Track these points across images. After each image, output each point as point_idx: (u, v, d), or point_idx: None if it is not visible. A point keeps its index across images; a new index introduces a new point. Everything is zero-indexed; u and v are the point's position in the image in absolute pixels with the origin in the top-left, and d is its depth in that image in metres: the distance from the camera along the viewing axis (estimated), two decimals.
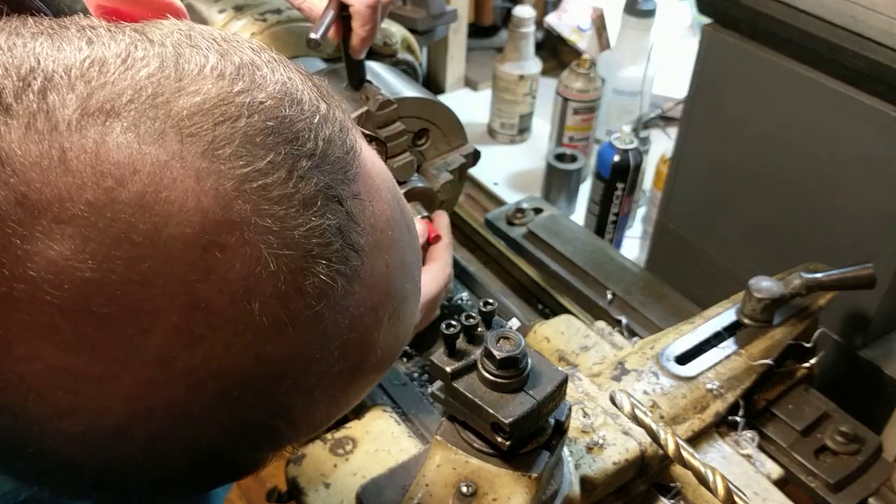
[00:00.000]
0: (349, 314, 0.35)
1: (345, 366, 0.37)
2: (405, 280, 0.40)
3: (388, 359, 0.42)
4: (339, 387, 0.38)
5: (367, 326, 0.37)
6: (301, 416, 0.37)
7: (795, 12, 0.83)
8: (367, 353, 0.38)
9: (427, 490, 0.59)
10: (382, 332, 0.38)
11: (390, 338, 0.40)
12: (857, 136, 0.84)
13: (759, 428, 0.80)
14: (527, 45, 1.53)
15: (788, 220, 0.95)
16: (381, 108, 0.85)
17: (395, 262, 0.38)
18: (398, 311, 0.40)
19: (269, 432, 0.36)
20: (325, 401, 0.38)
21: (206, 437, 0.34)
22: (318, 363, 0.35)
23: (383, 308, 0.38)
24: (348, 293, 0.35)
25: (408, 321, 0.42)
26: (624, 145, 1.22)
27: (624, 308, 0.99)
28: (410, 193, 0.90)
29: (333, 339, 0.35)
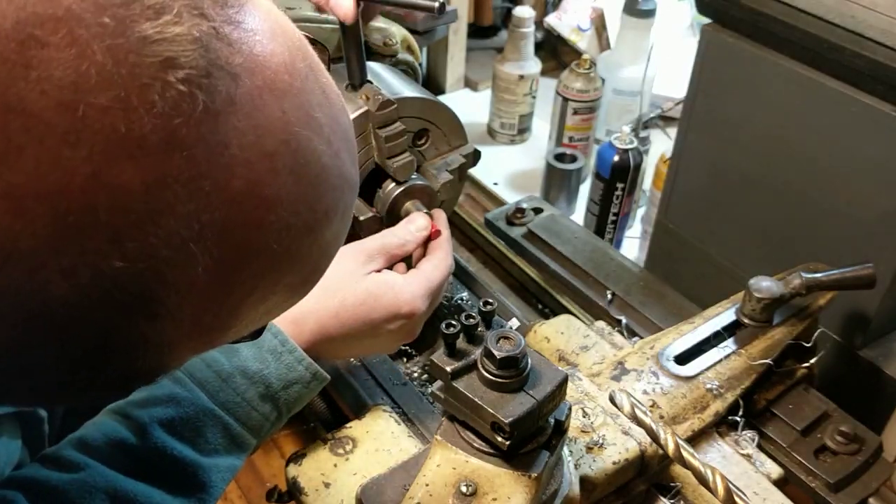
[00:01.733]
0: (226, 151, 0.31)
1: (232, 217, 0.32)
2: (314, 138, 0.35)
3: (301, 227, 0.36)
4: (231, 248, 0.33)
5: (258, 175, 0.33)
6: (179, 277, 0.32)
7: (795, 12, 0.83)
8: (264, 210, 0.33)
9: (427, 490, 0.59)
10: (285, 189, 0.34)
11: (299, 201, 0.35)
12: (857, 136, 0.84)
13: (759, 428, 0.80)
14: (527, 45, 1.53)
15: (788, 220, 0.95)
16: (381, 108, 0.85)
17: (297, 113, 0.34)
18: (306, 170, 0.35)
19: (138, 290, 0.31)
20: (212, 264, 0.32)
21: (49, 289, 0.29)
22: (186, 201, 0.30)
23: (281, 158, 0.33)
24: (219, 120, 0.31)
25: (327, 192, 0.37)
26: (624, 145, 1.22)
27: (624, 308, 0.99)
28: (410, 191, 0.90)
29: (205, 177, 0.31)
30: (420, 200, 0.91)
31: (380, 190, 0.91)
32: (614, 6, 1.59)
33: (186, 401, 0.65)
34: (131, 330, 0.32)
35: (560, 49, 1.82)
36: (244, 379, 0.68)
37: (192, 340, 0.37)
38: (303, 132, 0.35)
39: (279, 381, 0.70)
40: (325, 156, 0.37)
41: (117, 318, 0.32)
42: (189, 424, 0.65)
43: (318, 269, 0.41)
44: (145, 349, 0.34)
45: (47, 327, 0.30)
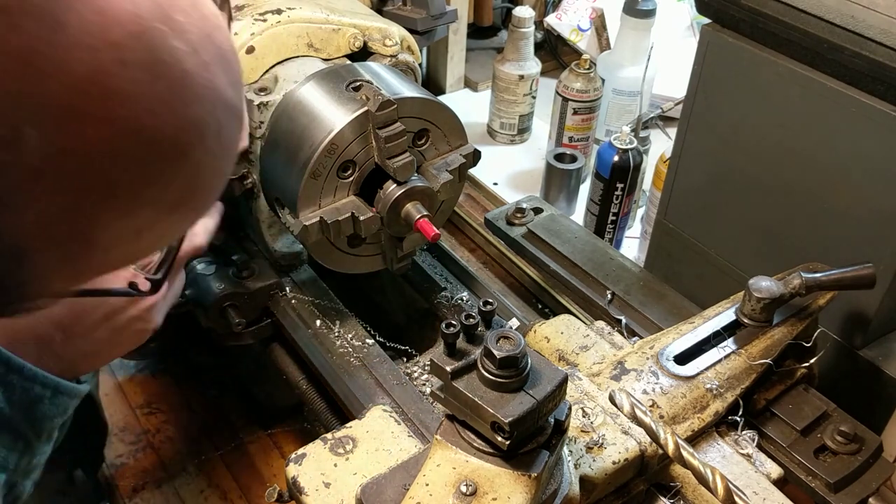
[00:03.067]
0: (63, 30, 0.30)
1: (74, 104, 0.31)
2: (178, 42, 0.34)
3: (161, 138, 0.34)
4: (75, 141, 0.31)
5: (102, 63, 0.31)
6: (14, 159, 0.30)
7: (795, 12, 0.83)
8: (114, 107, 0.32)
9: (427, 489, 0.59)
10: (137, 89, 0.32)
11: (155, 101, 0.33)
12: (857, 136, 0.84)
13: (758, 427, 0.80)
14: (527, 45, 1.53)
15: (788, 220, 0.95)
16: (381, 109, 0.85)
17: (151, 9, 0.33)
18: (162, 71, 0.33)
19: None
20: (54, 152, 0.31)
21: None
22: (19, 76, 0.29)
23: (131, 52, 0.32)
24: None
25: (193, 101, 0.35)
26: (624, 145, 1.22)
27: (623, 308, 0.99)
28: (410, 193, 0.90)
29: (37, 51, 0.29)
30: (420, 201, 0.91)
31: (380, 190, 0.91)
32: (614, 6, 1.59)
33: None
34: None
35: (560, 49, 1.82)
36: None
37: (54, 251, 0.34)
38: (158, 27, 0.33)
39: (11, 407, 0.62)
40: (190, 63, 0.35)
41: None
42: None
43: (194, 190, 0.38)
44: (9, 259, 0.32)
45: None
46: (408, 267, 1.04)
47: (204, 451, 1.34)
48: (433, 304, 1.09)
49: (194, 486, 1.29)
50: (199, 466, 1.32)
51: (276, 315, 1.01)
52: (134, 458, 1.32)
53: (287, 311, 1.00)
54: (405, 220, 0.91)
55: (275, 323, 1.02)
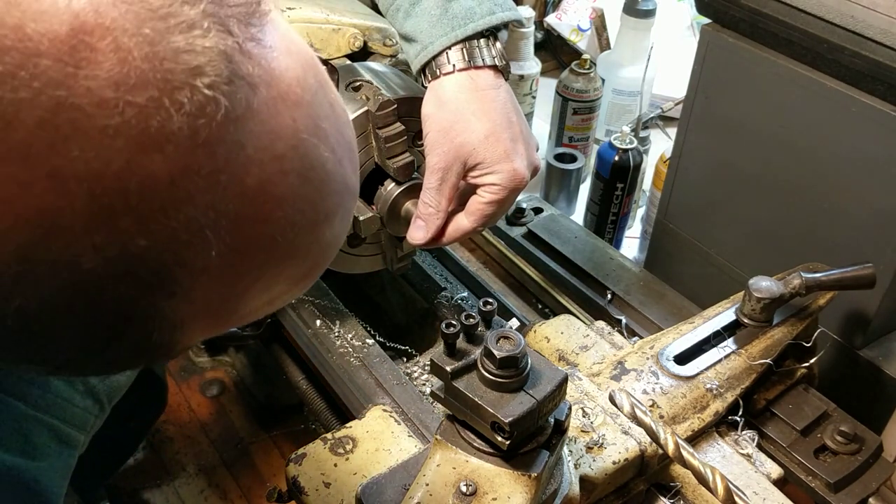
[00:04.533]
0: (242, 151, 0.35)
1: (244, 211, 0.36)
2: (320, 145, 0.39)
3: (304, 225, 0.40)
4: (242, 240, 0.37)
5: (269, 175, 0.36)
6: (195, 259, 0.35)
7: (795, 12, 0.83)
8: (272, 206, 0.37)
9: (427, 489, 0.59)
10: (292, 190, 0.38)
11: (304, 202, 0.39)
12: (857, 136, 0.84)
13: (758, 427, 0.80)
14: (527, 45, 1.53)
15: (788, 220, 0.95)
16: (381, 109, 0.85)
17: (305, 121, 0.38)
18: (311, 175, 0.39)
19: (157, 268, 0.35)
20: (224, 251, 0.36)
21: (82, 261, 0.33)
22: (205, 192, 0.34)
23: (290, 161, 0.37)
24: (238, 123, 0.34)
25: (329, 195, 0.41)
26: (624, 145, 1.22)
27: (623, 308, 0.99)
28: (411, 190, 0.90)
29: (223, 171, 0.34)
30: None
31: (381, 188, 0.91)
32: (614, 6, 1.59)
33: (4, 413, 0.67)
34: (149, 304, 0.36)
35: (560, 49, 1.82)
36: (60, 380, 0.71)
37: (203, 321, 0.40)
38: (310, 139, 0.39)
39: None
40: (330, 162, 0.40)
41: (138, 292, 0.35)
42: (13, 434, 0.67)
43: (318, 265, 0.45)
44: (160, 324, 0.37)
45: (77, 295, 0.34)
46: (408, 267, 1.04)
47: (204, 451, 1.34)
48: (433, 304, 1.09)
49: (194, 486, 1.30)
50: (199, 466, 1.32)
51: (276, 315, 1.01)
52: (134, 458, 1.32)
53: (287, 311, 1.00)
54: (405, 218, 0.91)
55: (275, 323, 1.02)
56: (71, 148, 0.31)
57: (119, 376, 0.77)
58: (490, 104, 0.84)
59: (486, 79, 0.85)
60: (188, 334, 0.40)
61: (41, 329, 0.35)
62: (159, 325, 0.37)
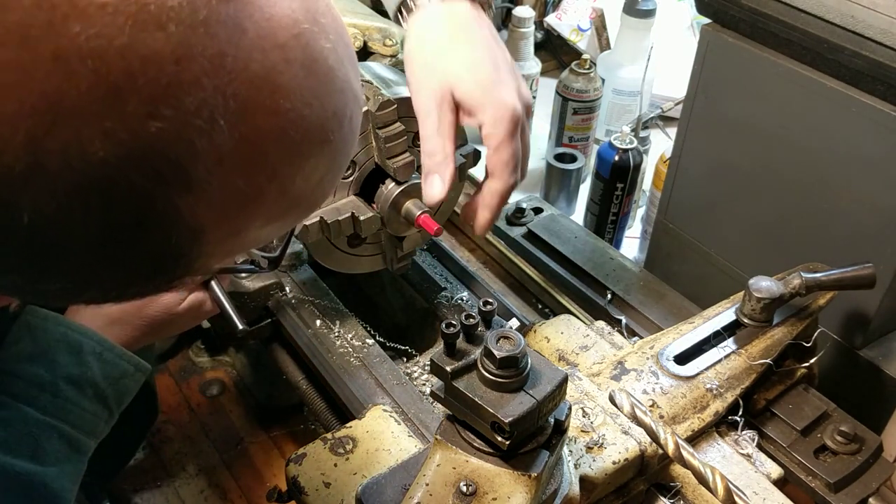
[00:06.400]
0: (245, 35, 0.35)
1: (250, 98, 0.35)
2: (324, 40, 0.39)
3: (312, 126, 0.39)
4: (251, 131, 0.36)
5: (272, 62, 0.36)
6: (207, 147, 0.35)
7: (795, 12, 0.83)
8: (279, 96, 0.37)
9: (427, 489, 0.59)
10: (297, 82, 0.37)
11: (310, 96, 0.38)
12: (857, 136, 0.84)
13: (758, 427, 0.80)
14: (527, 45, 1.53)
15: (788, 220, 0.95)
16: (381, 109, 0.85)
17: (304, 13, 0.38)
18: (316, 69, 0.38)
19: (171, 160, 0.34)
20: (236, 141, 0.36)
21: (93, 149, 0.32)
22: (211, 75, 0.34)
23: (292, 51, 0.37)
24: (237, 6, 0.34)
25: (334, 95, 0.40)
26: (624, 145, 1.22)
27: (623, 308, 0.99)
28: (410, 191, 0.90)
29: (227, 56, 0.34)
30: (420, 200, 0.91)
31: (382, 187, 0.91)
32: (614, 6, 1.59)
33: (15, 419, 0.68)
34: (166, 199, 0.35)
35: (560, 49, 1.82)
36: (69, 385, 0.72)
37: (221, 230, 0.39)
38: (311, 29, 0.38)
39: (105, 380, 0.75)
40: (332, 58, 0.40)
41: (153, 185, 0.35)
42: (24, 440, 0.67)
43: (332, 171, 0.44)
44: (179, 225, 0.37)
45: (91, 188, 0.33)
46: (408, 267, 1.04)
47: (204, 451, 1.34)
48: (433, 304, 1.09)
49: (194, 486, 1.30)
50: (199, 466, 1.32)
51: (276, 315, 1.01)
52: (134, 458, 1.32)
53: (287, 311, 1.00)
54: (405, 218, 0.91)
55: (275, 323, 1.02)
56: (70, 26, 0.30)
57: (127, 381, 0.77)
58: (471, 35, 0.82)
59: (465, 11, 0.83)
60: (207, 246, 0.39)
61: (59, 230, 0.34)
62: (178, 227, 0.37)
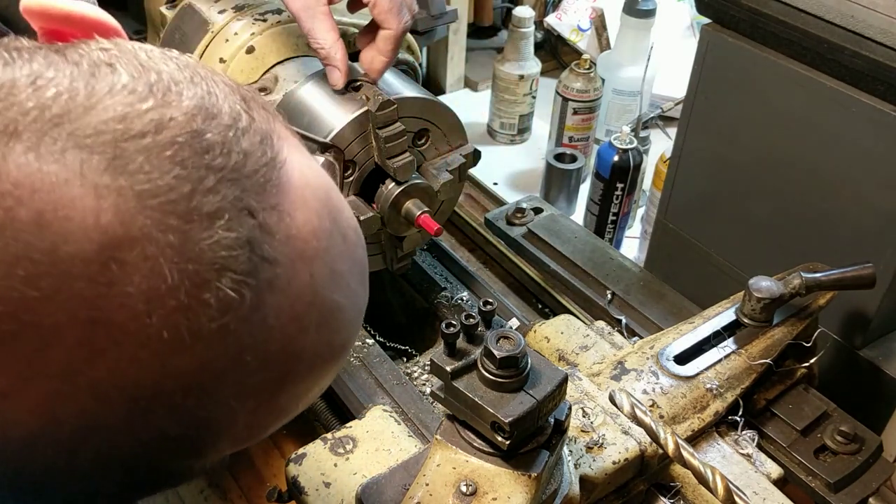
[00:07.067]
0: (265, 325, 0.35)
1: (267, 376, 0.37)
2: (334, 291, 0.40)
3: (322, 363, 0.41)
4: (265, 396, 0.38)
5: (289, 336, 0.37)
6: (223, 426, 0.38)
7: (795, 12, 0.83)
8: (293, 362, 0.38)
9: (427, 489, 0.59)
10: (310, 340, 0.38)
11: (321, 346, 0.40)
12: (857, 136, 0.84)
13: (758, 427, 0.80)
14: (527, 45, 1.53)
15: (788, 220, 0.95)
16: (381, 109, 0.85)
17: (321, 272, 0.38)
18: (328, 321, 0.39)
19: (189, 442, 0.37)
20: (250, 410, 0.38)
21: (122, 448, 0.34)
22: (232, 374, 0.35)
23: (308, 317, 0.38)
24: (261, 304, 0.35)
25: (343, 328, 0.42)
26: (624, 145, 1.22)
27: (623, 308, 0.99)
28: (410, 191, 0.90)
29: (247, 350, 0.35)
30: (420, 199, 0.91)
31: (382, 187, 0.91)
32: (614, 6, 1.59)
33: None
34: (180, 464, 0.39)
35: (560, 49, 1.82)
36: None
37: (227, 453, 0.42)
38: (326, 291, 0.39)
39: None
40: (344, 301, 0.41)
41: (171, 460, 0.38)
42: None
43: (333, 375, 0.45)
44: (189, 474, 0.40)
45: (113, 464, 0.35)
46: (408, 267, 1.04)
47: None
48: (433, 304, 1.09)
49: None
50: None
51: None
52: None
53: None
54: (405, 218, 0.91)
55: None
56: (107, 361, 0.31)
57: None
58: None
59: None
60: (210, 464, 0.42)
61: (73, 482, 0.36)
62: (189, 476, 0.40)
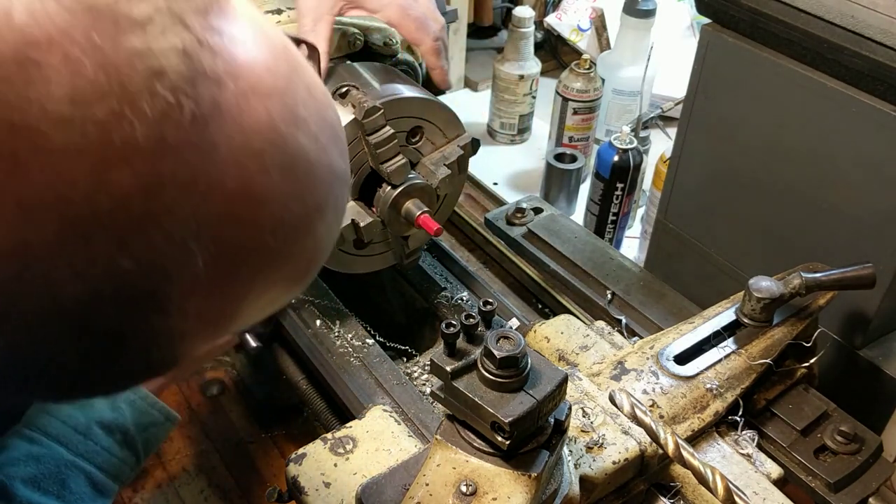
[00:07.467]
0: (216, 153, 0.33)
1: (229, 218, 0.34)
2: (298, 133, 0.37)
3: (295, 224, 0.38)
4: (231, 247, 0.35)
5: (249, 174, 0.34)
6: (183, 274, 0.34)
7: (795, 12, 0.83)
8: (258, 211, 0.35)
9: (427, 489, 0.59)
10: (276, 186, 0.36)
11: (291, 199, 0.37)
12: (857, 136, 0.84)
13: (758, 427, 0.80)
14: (527, 45, 1.53)
15: (788, 220, 0.95)
16: (367, 116, 0.84)
17: (279, 110, 0.36)
18: (293, 167, 0.37)
19: (145, 290, 0.33)
20: (213, 258, 0.34)
21: (64, 289, 0.31)
22: (184, 202, 0.32)
23: (269, 157, 0.35)
24: (206, 125, 0.32)
25: (316, 186, 0.39)
26: (624, 145, 1.22)
27: (623, 308, 0.99)
28: (408, 191, 0.90)
29: (200, 178, 0.32)
30: (419, 198, 0.91)
31: (379, 190, 0.91)
32: (614, 6, 1.59)
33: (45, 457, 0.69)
34: (141, 324, 0.34)
35: (560, 49, 1.82)
36: (101, 429, 0.74)
37: (202, 332, 0.38)
38: (289, 130, 0.36)
39: (136, 427, 0.77)
40: (313, 152, 0.38)
41: (128, 314, 0.34)
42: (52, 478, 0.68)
43: (315, 261, 0.43)
44: (157, 341, 0.36)
45: (65, 323, 0.32)
46: (418, 260, 1.04)
47: (204, 451, 1.34)
48: (433, 304, 1.09)
49: (194, 486, 1.30)
50: (199, 466, 1.32)
51: (276, 315, 1.01)
52: None
53: (287, 312, 1.00)
54: (406, 219, 0.91)
55: (275, 323, 1.02)
56: (33, 175, 0.29)
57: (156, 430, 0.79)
58: None
59: None
60: (189, 346, 0.39)
61: (35, 358, 0.33)
62: (156, 342, 0.36)
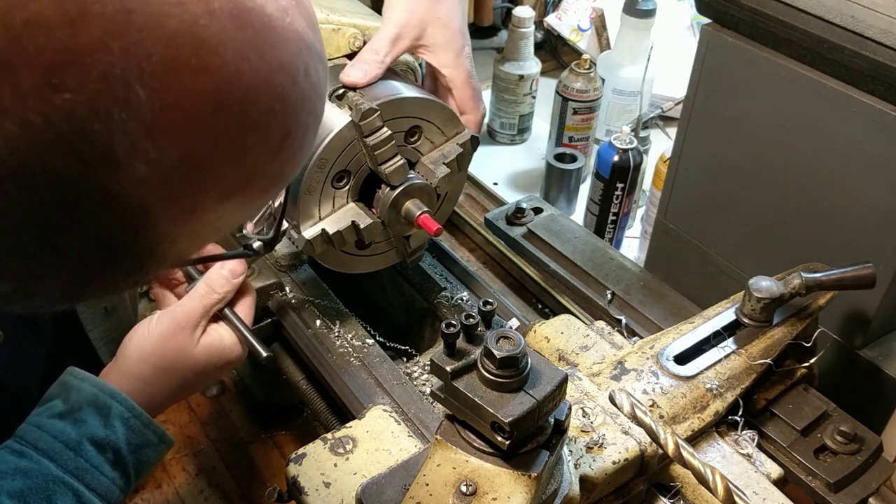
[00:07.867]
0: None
1: (170, 57, 0.32)
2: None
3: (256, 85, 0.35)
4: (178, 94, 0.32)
5: (193, 14, 0.32)
6: (128, 118, 0.31)
7: (795, 12, 0.83)
8: (207, 56, 0.33)
9: (427, 489, 0.59)
10: (227, 37, 0.34)
11: (245, 47, 0.34)
12: (857, 136, 0.84)
13: (758, 427, 0.80)
14: (527, 45, 1.53)
15: (788, 220, 0.95)
16: (364, 118, 0.84)
17: None
18: (247, 18, 0.35)
19: (87, 138, 0.30)
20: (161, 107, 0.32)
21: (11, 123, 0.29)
22: (119, 35, 0.30)
23: (216, 1, 0.33)
24: None
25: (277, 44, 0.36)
26: (624, 145, 1.22)
27: (623, 308, 0.99)
28: (407, 191, 0.90)
29: (132, 10, 0.30)
30: (419, 198, 0.91)
31: (379, 191, 0.91)
32: (614, 6, 1.60)
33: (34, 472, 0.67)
34: (93, 180, 0.32)
35: (560, 49, 1.82)
36: (93, 445, 0.71)
37: (170, 209, 0.36)
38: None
39: (128, 447, 0.73)
40: (270, 7, 0.36)
41: (74, 166, 0.31)
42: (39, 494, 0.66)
43: (294, 132, 0.39)
44: (116, 205, 0.33)
45: (11, 180, 0.30)
46: (422, 257, 1.04)
47: (204, 451, 1.34)
48: (433, 304, 1.09)
49: (194, 486, 1.29)
50: (199, 466, 1.32)
51: (275, 315, 1.01)
52: None
53: (287, 311, 1.00)
54: (406, 219, 0.91)
55: (275, 323, 1.02)
56: None
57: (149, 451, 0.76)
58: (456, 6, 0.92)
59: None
60: (162, 227, 0.36)
61: None
62: (116, 208, 0.33)
